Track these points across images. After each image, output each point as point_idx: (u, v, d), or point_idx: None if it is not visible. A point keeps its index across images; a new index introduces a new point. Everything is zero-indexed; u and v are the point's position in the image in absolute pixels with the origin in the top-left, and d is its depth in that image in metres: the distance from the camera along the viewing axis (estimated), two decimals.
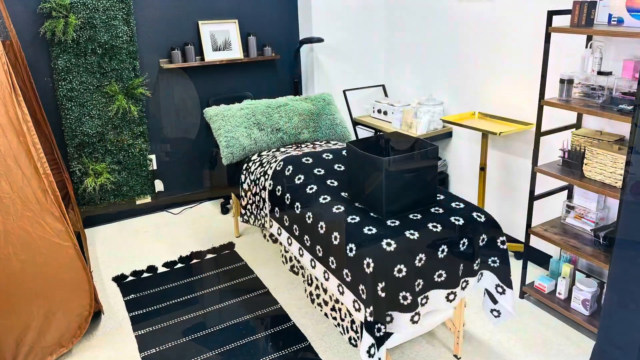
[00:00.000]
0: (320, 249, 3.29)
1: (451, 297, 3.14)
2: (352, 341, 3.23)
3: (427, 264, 3.00)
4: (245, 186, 4.36)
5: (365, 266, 2.88)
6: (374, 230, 3.05)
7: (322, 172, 3.85)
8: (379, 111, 5.69)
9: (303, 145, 4.61)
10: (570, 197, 4.17)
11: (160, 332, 3.88)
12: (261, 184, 4.10)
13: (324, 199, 3.48)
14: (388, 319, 2.92)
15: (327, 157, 4.06)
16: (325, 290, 3.42)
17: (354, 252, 2.98)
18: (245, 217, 4.45)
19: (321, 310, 3.55)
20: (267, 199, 4.01)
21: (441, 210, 3.29)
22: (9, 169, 3.28)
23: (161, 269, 4.72)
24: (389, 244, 2.92)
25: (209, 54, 5.60)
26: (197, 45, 5.61)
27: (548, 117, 4.27)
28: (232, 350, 3.66)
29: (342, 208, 3.33)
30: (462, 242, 3.13)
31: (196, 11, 5.55)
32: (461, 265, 3.15)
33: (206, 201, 6.16)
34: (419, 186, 3.26)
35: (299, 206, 3.56)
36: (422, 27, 5.53)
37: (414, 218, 3.20)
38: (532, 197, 4.00)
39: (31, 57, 4.87)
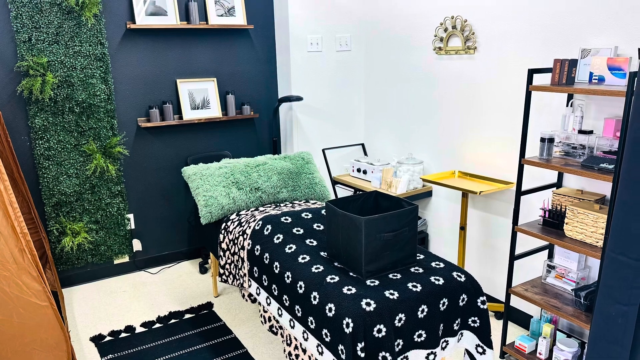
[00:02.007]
0: (300, 309, 3.25)
1: (431, 357, 3.10)
2: None
3: (407, 324, 2.97)
4: (223, 245, 4.33)
5: (344, 326, 2.85)
6: (354, 290, 3.02)
7: (301, 231, 3.83)
8: (359, 170, 5.70)
9: (282, 205, 4.60)
10: (551, 256, 4.17)
11: None
12: (240, 244, 4.07)
13: (303, 258, 3.46)
14: None
15: (306, 217, 4.05)
16: (304, 350, 3.37)
17: (333, 312, 2.95)
18: (223, 276, 4.40)
19: None
20: (245, 259, 3.98)
21: (421, 270, 3.28)
22: None
23: (139, 329, 4.64)
24: (368, 304, 2.90)
25: (187, 112, 5.61)
26: (175, 104, 5.62)
27: (529, 176, 4.29)
28: None
29: (322, 268, 3.31)
30: (442, 302, 3.10)
31: (174, 69, 5.58)
32: (441, 325, 3.13)
33: (184, 261, 6.10)
34: (398, 246, 3.25)
35: (278, 266, 3.53)
36: (402, 86, 5.58)
37: (394, 277, 3.18)
38: (513, 257, 3.99)
39: (8, 115, 4.86)
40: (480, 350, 3.28)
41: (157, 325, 4.70)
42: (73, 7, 4.86)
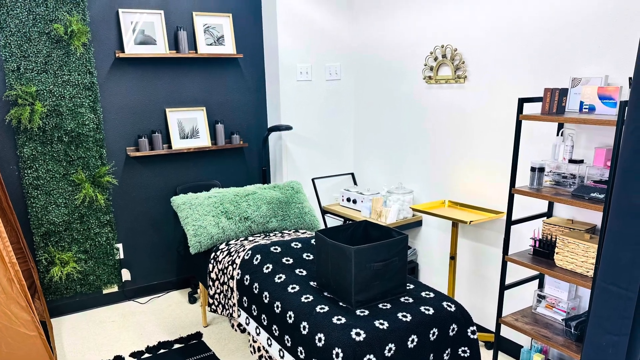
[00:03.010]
0: (289, 339, 3.23)
1: None
2: None
3: (397, 354, 2.95)
4: (213, 275, 4.30)
5: (334, 356, 2.83)
6: (343, 320, 3.00)
7: (291, 261, 3.82)
8: (348, 200, 5.69)
9: (272, 234, 4.59)
10: (541, 286, 4.15)
11: None
12: (229, 273, 4.05)
13: (293, 288, 3.44)
14: None
15: (295, 246, 4.03)
16: None
17: (323, 341, 2.93)
18: (213, 306, 4.37)
19: None
20: (235, 289, 3.95)
21: (411, 300, 3.26)
22: None
23: (128, 359, 4.61)
24: (358, 334, 2.88)
25: (176, 141, 5.61)
26: (164, 133, 5.62)
27: (519, 206, 4.28)
28: None
29: (311, 297, 3.29)
30: (432, 332, 3.09)
31: (163, 99, 5.58)
32: (431, 355, 3.11)
33: (173, 290, 6.06)
34: (388, 275, 3.24)
35: (268, 296, 3.51)
36: (392, 115, 5.59)
37: (384, 307, 3.16)
38: (503, 287, 3.98)
39: None
40: None
41: (146, 355, 4.66)
42: (62, 36, 4.87)
